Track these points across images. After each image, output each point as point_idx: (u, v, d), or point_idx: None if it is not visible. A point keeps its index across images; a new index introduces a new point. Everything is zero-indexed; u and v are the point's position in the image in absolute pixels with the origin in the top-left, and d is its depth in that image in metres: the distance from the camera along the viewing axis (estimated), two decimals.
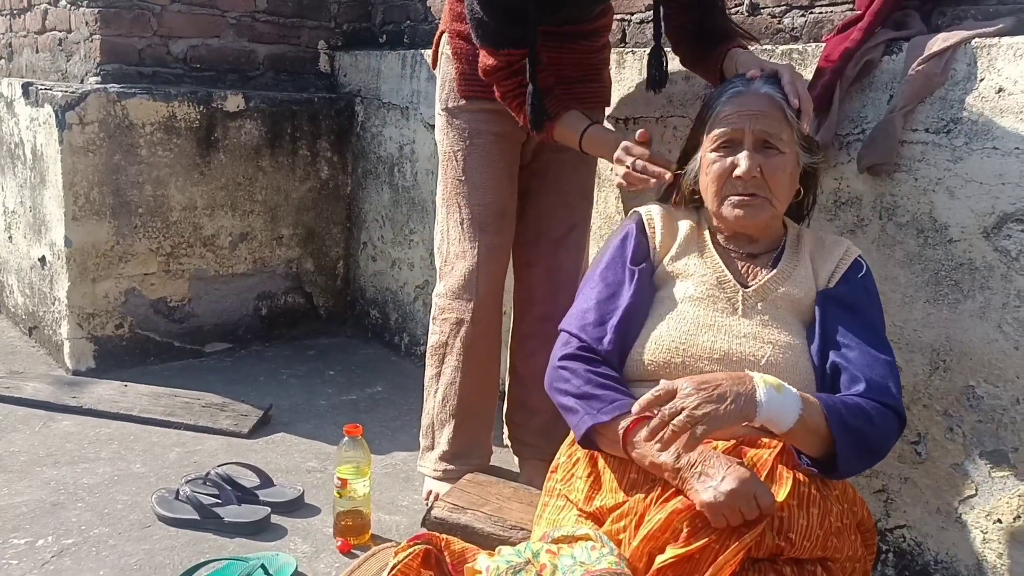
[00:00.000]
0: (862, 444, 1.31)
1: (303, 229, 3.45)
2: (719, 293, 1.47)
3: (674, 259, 1.53)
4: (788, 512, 1.27)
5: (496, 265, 2.13)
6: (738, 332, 1.43)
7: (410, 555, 1.39)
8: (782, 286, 1.47)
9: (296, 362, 3.25)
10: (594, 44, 2.10)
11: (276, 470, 2.33)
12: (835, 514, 1.32)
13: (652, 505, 1.30)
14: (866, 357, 1.40)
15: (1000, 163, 1.65)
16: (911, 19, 1.85)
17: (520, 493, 1.90)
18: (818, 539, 1.28)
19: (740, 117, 1.47)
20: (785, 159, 1.47)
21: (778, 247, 1.54)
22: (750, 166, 1.44)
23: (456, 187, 2.09)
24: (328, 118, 3.43)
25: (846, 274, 1.49)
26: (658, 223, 1.57)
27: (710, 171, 1.50)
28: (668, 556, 1.22)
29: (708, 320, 1.44)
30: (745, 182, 1.45)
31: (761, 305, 1.46)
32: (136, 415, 2.65)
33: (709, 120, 1.52)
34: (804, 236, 1.56)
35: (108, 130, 2.93)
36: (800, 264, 1.50)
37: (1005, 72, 1.64)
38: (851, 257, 1.51)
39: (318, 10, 3.51)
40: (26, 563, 1.88)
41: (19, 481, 2.25)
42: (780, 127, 1.47)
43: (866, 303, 1.47)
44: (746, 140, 1.46)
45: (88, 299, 2.99)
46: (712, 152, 1.50)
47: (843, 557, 1.32)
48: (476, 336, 2.13)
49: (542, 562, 1.25)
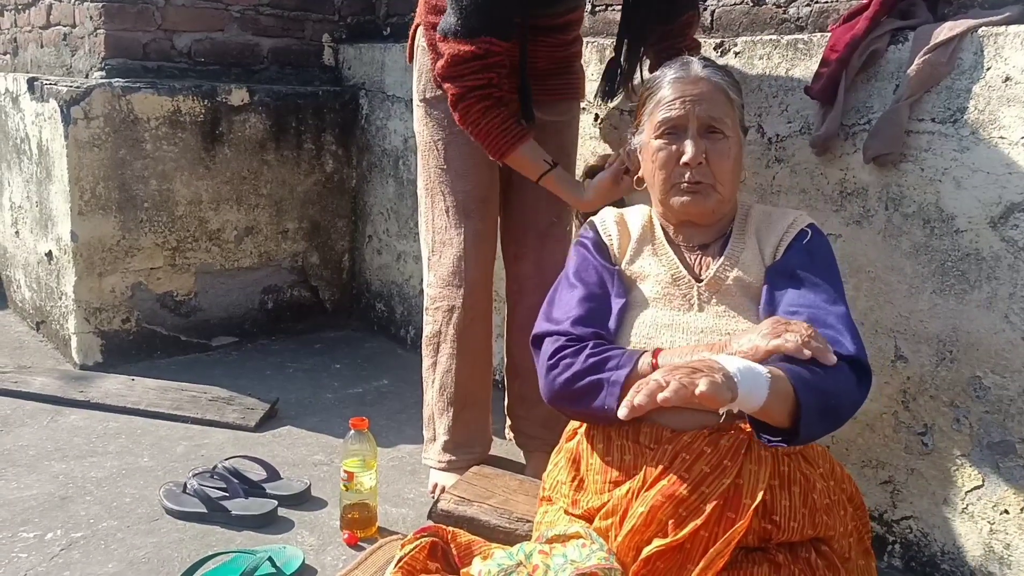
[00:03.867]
0: (823, 402, 1.25)
1: (308, 223, 3.46)
2: (675, 291, 1.46)
3: (630, 262, 1.52)
4: (770, 493, 1.26)
5: (483, 251, 2.13)
6: (696, 328, 1.41)
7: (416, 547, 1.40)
8: (731, 272, 1.45)
9: (302, 356, 3.26)
10: (566, 37, 2.10)
11: (283, 463, 2.34)
12: (819, 491, 1.31)
13: (634, 499, 1.30)
14: (815, 314, 1.36)
15: (1007, 152, 1.64)
16: (917, 8, 1.84)
17: (526, 485, 1.90)
18: (804, 518, 1.28)
19: (683, 102, 1.45)
20: (729, 143, 1.45)
21: (726, 231, 1.51)
22: (695, 152, 1.43)
23: (439, 175, 2.10)
24: (333, 111, 3.43)
25: (790, 245, 1.46)
26: (612, 229, 1.56)
27: (656, 158, 1.48)
28: (655, 546, 1.22)
29: (666, 320, 1.43)
30: (692, 169, 1.44)
31: (716, 297, 1.44)
32: (143, 409, 2.66)
33: (650, 105, 1.50)
34: (751, 214, 1.53)
35: (113, 125, 2.94)
36: (747, 246, 1.48)
37: (1012, 61, 1.63)
38: (796, 228, 1.47)
39: (322, 3, 3.50)
40: (35, 556, 1.89)
41: (28, 475, 2.26)
42: (724, 111, 1.45)
43: (808, 265, 1.43)
44: (690, 126, 1.44)
45: (95, 294, 3.00)
46: (656, 139, 1.48)
47: (836, 535, 1.32)
48: (469, 322, 2.14)
49: (534, 563, 1.25)
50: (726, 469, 1.27)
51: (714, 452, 1.29)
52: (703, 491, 1.26)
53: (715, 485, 1.26)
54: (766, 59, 2.02)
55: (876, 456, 1.92)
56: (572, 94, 2.21)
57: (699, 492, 1.26)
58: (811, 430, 1.24)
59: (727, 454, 1.29)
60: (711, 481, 1.26)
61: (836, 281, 1.45)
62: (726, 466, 1.28)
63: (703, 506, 1.24)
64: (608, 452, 1.40)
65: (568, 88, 2.18)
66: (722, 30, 2.30)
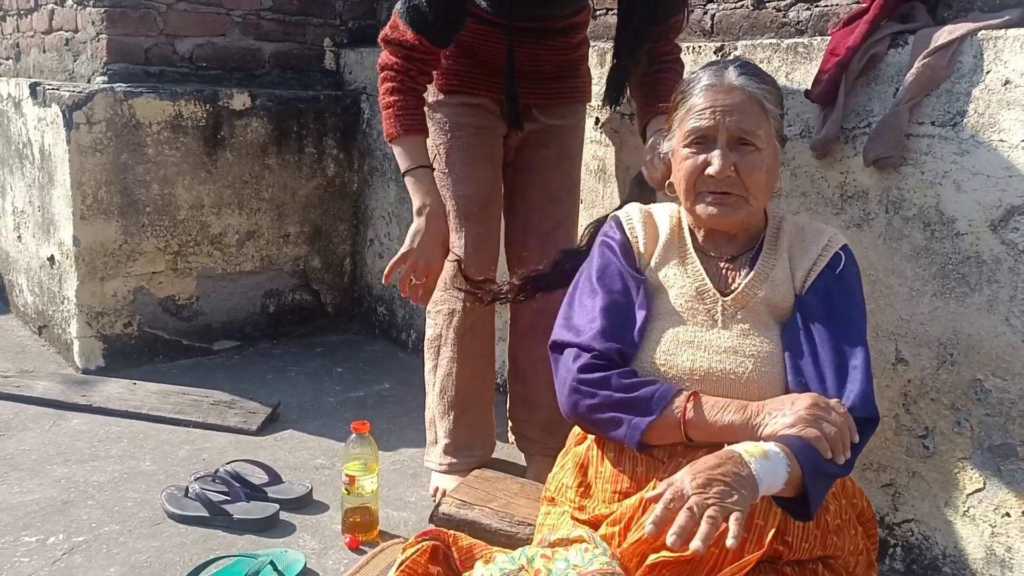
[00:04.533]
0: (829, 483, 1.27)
1: (310, 227, 3.46)
2: (699, 305, 1.41)
3: (656, 268, 1.46)
4: (784, 515, 1.24)
5: (484, 254, 2.14)
6: (718, 347, 1.37)
7: (418, 551, 1.40)
8: (760, 290, 1.40)
9: (304, 359, 3.26)
10: (571, 40, 2.11)
11: (284, 467, 2.34)
12: (832, 512, 1.30)
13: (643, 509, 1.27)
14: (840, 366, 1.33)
15: (1007, 155, 1.64)
16: (917, 12, 1.85)
17: (527, 489, 1.90)
18: (816, 539, 1.26)
19: (714, 112, 1.38)
20: (761, 156, 1.38)
21: (757, 243, 1.46)
22: (723, 166, 1.36)
23: (440, 180, 2.10)
24: (334, 115, 3.43)
25: (822, 273, 1.41)
26: (639, 229, 1.50)
27: (682, 167, 1.42)
28: (662, 555, 1.20)
29: (687, 337, 1.38)
30: (718, 181, 1.38)
31: (741, 313, 1.39)
32: (145, 413, 2.66)
33: (682, 111, 1.44)
34: (784, 227, 1.47)
35: (115, 129, 2.94)
36: (778, 263, 1.43)
37: (1012, 64, 1.63)
38: (831, 251, 1.42)
39: (323, 7, 3.51)
40: (37, 560, 1.90)
41: (30, 479, 2.26)
42: (756, 122, 1.38)
43: (840, 300, 1.39)
44: (720, 137, 1.38)
45: (97, 298, 3.00)
46: (684, 148, 1.42)
47: (845, 553, 1.31)
48: (469, 325, 2.14)
49: (536, 567, 1.24)
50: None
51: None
52: None
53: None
54: (766, 63, 2.02)
55: (877, 459, 1.92)
56: (577, 97, 2.21)
57: None
58: (819, 504, 1.24)
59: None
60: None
61: (862, 316, 1.41)
62: None
63: None
64: (619, 462, 1.38)
65: (573, 91, 2.18)
66: (722, 34, 2.31)
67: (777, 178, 1.46)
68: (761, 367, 1.35)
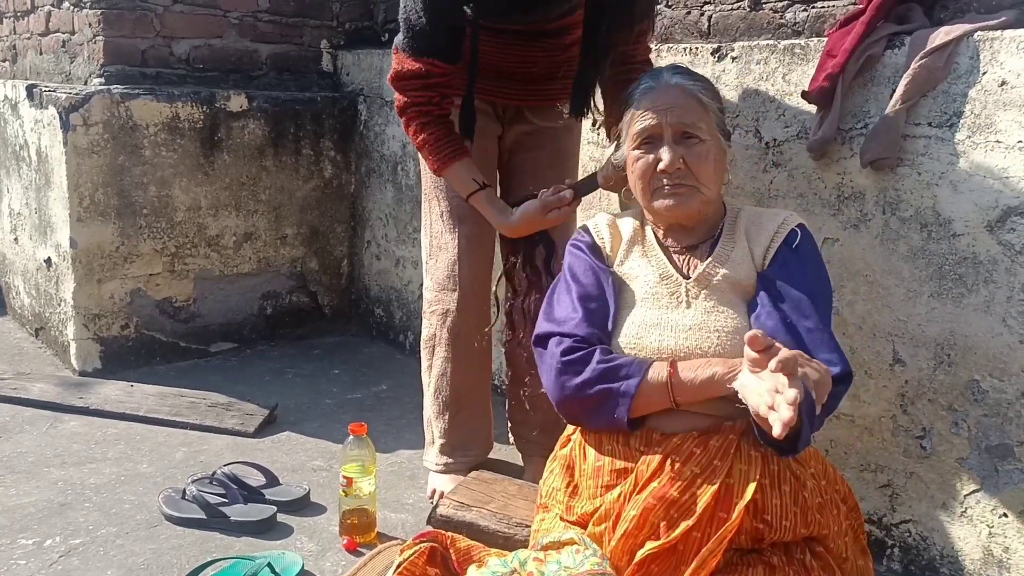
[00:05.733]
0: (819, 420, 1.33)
1: (307, 228, 3.46)
2: (663, 289, 1.48)
3: (622, 263, 1.55)
4: (761, 493, 1.28)
5: (477, 254, 2.14)
6: (684, 325, 1.43)
7: (415, 553, 1.40)
8: (720, 269, 1.47)
9: (301, 361, 3.26)
10: (563, 41, 2.10)
11: (282, 469, 2.34)
12: (810, 489, 1.33)
13: (625, 502, 1.32)
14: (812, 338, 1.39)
15: (1003, 157, 1.65)
16: (913, 13, 1.85)
17: (525, 490, 1.91)
18: (796, 517, 1.30)
19: (656, 112, 1.49)
20: (707, 147, 1.48)
21: (715, 233, 1.53)
22: (672, 159, 1.46)
23: (435, 181, 2.11)
24: (331, 117, 3.43)
25: (780, 249, 1.48)
26: (605, 231, 1.60)
27: (635, 168, 1.52)
28: (648, 549, 1.24)
29: (654, 319, 1.45)
30: (670, 175, 1.47)
31: (704, 293, 1.46)
32: (142, 415, 2.66)
33: (627, 118, 1.55)
34: (741, 215, 1.56)
35: (112, 131, 2.94)
36: (737, 245, 1.51)
37: (1008, 65, 1.63)
38: (786, 229, 1.49)
39: (320, 9, 3.51)
40: (34, 563, 1.89)
41: (27, 482, 2.26)
42: (697, 115, 1.48)
43: (800, 272, 1.45)
44: (665, 134, 1.48)
45: (94, 300, 3.00)
46: (635, 150, 1.52)
47: (831, 534, 1.33)
48: (462, 325, 2.15)
49: (529, 570, 1.27)
50: (716, 469, 1.29)
51: (704, 453, 1.31)
52: (694, 492, 1.28)
53: (705, 486, 1.28)
54: (763, 64, 2.02)
55: (875, 460, 1.92)
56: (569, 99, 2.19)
57: (690, 493, 1.28)
58: (806, 443, 1.29)
59: (717, 455, 1.31)
60: (701, 482, 1.28)
61: (826, 286, 1.48)
62: (716, 466, 1.30)
63: (694, 507, 1.26)
64: (599, 457, 1.42)
65: (566, 93, 2.17)
66: (719, 35, 2.31)
67: (726, 169, 1.57)
68: (728, 341, 1.40)
